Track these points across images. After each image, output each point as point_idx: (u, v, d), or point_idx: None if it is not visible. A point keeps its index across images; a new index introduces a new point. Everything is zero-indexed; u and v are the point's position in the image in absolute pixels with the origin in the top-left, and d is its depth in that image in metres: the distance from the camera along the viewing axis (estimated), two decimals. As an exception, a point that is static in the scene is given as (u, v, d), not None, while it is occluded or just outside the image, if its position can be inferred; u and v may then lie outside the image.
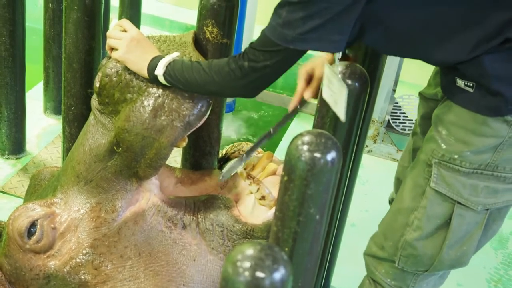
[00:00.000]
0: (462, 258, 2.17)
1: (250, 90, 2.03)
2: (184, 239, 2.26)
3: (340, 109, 1.97)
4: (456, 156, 2.01)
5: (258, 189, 2.29)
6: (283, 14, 1.85)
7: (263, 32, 1.93)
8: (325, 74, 2.02)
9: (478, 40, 1.87)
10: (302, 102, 2.23)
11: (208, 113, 2.23)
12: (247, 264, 1.22)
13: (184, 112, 2.16)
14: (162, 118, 2.15)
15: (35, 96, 3.99)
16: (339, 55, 2.07)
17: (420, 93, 2.40)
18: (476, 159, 1.99)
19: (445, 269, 2.22)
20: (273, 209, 2.22)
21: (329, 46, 1.90)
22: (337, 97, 1.98)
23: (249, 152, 2.27)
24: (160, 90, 2.16)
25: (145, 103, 2.15)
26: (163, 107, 2.15)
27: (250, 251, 1.24)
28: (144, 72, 2.15)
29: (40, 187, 2.46)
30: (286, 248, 1.68)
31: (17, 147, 3.57)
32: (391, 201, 2.68)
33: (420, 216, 2.12)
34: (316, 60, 2.23)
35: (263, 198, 2.28)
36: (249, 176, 2.30)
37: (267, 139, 2.25)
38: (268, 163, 2.42)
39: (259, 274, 1.22)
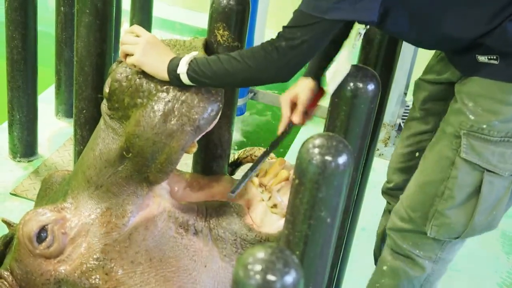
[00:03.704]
0: (492, 222, 2.25)
1: (286, 72, 2.02)
2: (195, 245, 2.24)
3: (333, 85, 2.01)
4: (484, 126, 2.07)
5: (270, 197, 2.27)
6: None
7: (296, 11, 1.96)
8: (348, 45, 2.07)
9: (495, 11, 1.94)
10: (290, 127, 2.29)
11: (218, 117, 2.22)
12: (258, 267, 1.22)
13: (194, 116, 2.13)
14: (172, 122, 2.12)
15: (46, 99, 4.01)
16: (361, 35, 2.10)
17: (420, 79, 2.45)
18: (503, 128, 2.07)
19: (476, 234, 2.28)
20: None
21: (364, 14, 1.94)
22: (337, 75, 2.02)
23: (248, 172, 2.27)
24: (170, 95, 2.13)
25: (155, 107, 2.13)
26: (173, 111, 2.13)
27: (261, 254, 1.24)
28: (163, 74, 2.11)
29: (51, 190, 2.45)
30: (297, 251, 1.68)
31: (28, 150, 3.59)
32: (384, 191, 2.73)
33: (451, 186, 2.18)
34: (299, 86, 2.25)
35: (274, 206, 2.27)
36: (261, 184, 2.29)
37: (265, 157, 2.30)
38: (280, 170, 2.40)
39: (270, 277, 1.22)
